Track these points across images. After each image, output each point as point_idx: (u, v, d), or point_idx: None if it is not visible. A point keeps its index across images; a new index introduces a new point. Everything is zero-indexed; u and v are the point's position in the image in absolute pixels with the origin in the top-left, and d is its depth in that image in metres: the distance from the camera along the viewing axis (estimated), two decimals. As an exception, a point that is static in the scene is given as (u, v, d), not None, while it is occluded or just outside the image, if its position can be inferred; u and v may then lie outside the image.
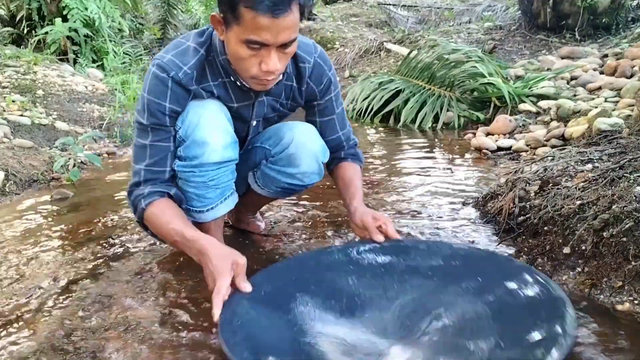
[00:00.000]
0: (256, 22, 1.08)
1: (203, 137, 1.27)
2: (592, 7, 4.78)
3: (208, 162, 1.29)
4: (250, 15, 1.08)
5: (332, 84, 1.46)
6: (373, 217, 1.34)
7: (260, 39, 1.11)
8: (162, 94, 1.25)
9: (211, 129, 1.27)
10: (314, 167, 1.45)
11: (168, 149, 1.29)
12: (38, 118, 3.11)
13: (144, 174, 1.29)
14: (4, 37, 5.27)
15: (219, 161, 1.30)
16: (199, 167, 1.29)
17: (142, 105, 1.27)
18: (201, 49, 1.28)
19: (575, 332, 0.94)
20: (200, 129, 1.27)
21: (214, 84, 1.31)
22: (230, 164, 1.35)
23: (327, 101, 1.47)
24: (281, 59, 1.17)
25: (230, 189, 1.40)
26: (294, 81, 1.40)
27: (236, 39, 1.14)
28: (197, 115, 1.27)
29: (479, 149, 2.79)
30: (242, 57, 1.16)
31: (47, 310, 1.31)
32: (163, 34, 7.70)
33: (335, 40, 6.83)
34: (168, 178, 1.31)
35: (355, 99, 4.22)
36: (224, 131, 1.30)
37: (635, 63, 3.32)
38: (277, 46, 1.13)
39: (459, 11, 7.51)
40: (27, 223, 1.95)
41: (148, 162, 1.29)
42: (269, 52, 1.14)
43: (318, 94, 1.44)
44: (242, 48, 1.14)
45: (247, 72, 1.20)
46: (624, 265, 1.24)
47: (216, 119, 1.29)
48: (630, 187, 1.40)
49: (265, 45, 1.13)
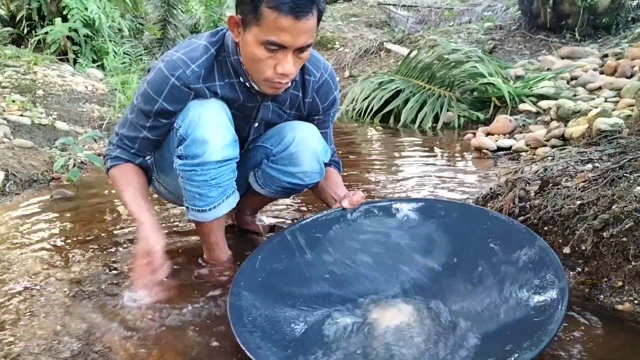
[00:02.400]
0: (277, 23, 1.10)
1: (203, 135, 1.27)
2: (592, 7, 4.78)
3: (209, 161, 1.29)
4: (273, 15, 1.10)
5: (336, 102, 1.52)
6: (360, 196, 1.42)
7: (279, 40, 1.13)
8: (159, 90, 1.28)
9: (212, 127, 1.28)
10: (315, 166, 1.45)
11: (139, 134, 1.37)
12: (38, 118, 3.11)
13: (117, 140, 1.40)
14: (4, 37, 5.27)
15: (220, 160, 1.30)
16: (201, 166, 1.30)
17: (140, 90, 1.33)
18: (212, 48, 1.29)
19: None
20: (200, 127, 1.27)
21: (219, 84, 1.32)
22: (231, 162, 1.35)
23: (327, 116, 1.53)
24: (296, 63, 1.19)
25: (231, 188, 1.40)
26: (300, 91, 1.42)
27: (254, 39, 1.15)
28: (198, 113, 1.28)
29: (479, 149, 2.79)
30: (259, 59, 1.18)
31: (46, 310, 1.31)
32: (163, 34, 7.69)
33: (335, 40, 6.83)
34: (135, 151, 1.40)
35: (355, 99, 4.22)
36: (224, 129, 1.31)
37: (635, 63, 3.32)
38: (294, 50, 1.15)
39: (459, 11, 7.51)
40: (27, 223, 1.95)
41: (125, 132, 1.38)
42: (285, 55, 1.16)
43: (321, 110, 1.49)
44: (260, 49, 1.16)
45: (261, 74, 1.22)
46: (624, 265, 1.24)
47: (217, 117, 1.30)
48: (630, 187, 1.40)
49: (283, 48, 1.14)
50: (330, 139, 1.59)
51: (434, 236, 1.33)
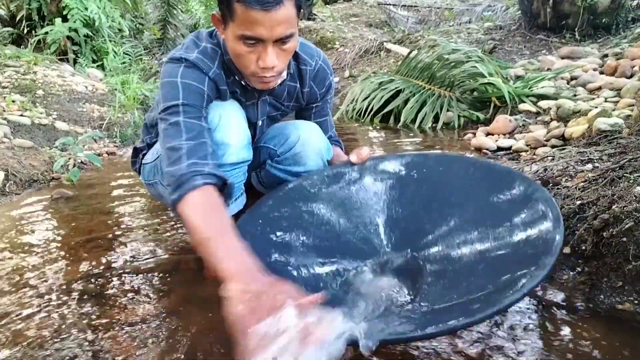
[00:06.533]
0: (248, 16, 1.09)
1: (222, 138, 1.27)
2: (592, 7, 4.78)
3: (226, 163, 1.29)
4: (242, 9, 1.08)
5: (331, 87, 1.52)
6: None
7: (254, 33, 1.11)
8: (200, 80, 1.23)
9: (230, 129, 1.28)
10: (319, 164, 1.47)
11: (203, 128, 1.20)
12: (38, 118, 3.11)
13: (187, 148, 1.14)
14: (4, 37, 5.26)
15: (236, 162, 1.31)
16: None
17: (174, 89, 1.20)
18: (218, 49, 1.29)
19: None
20: (220, 129, 1.27)
21: (229, 82, 1.33)
22: (245, 164, 1.36)
23: (324, 103, 1.53)
24: (279, 56, 1.17)
25: (240, 190, 1.41)
26: (297, 82, 1.42)
27: (233, 35, 1.14)
28: (217, 115, 1.28)
29: (479, 149, 2.79)
30: (240, 54, 1.17)
31: (46, 310, 1.31)
32: (163, 34, 7.70)
33: (335, 40, 6.83)
34: (212, 152, 1.18)
35: (355, 99, 4.22)
36: (242, 131, 1.32)
37: (635, 63, 3.32)
38: (274, 41, 1.13)
39: (459, 11, 7.51)
40: (27, 223, 1.95)
41: (186, 136, 1.16)
42: (265, 48, 1.14)
43: (319, 97, 1.49)
44: (239, 44, 1.14)
45: (246, 69, 1.21)
46: (624, 265, 1.24)
47: (235, 119, 1.31)
48: (630, 187, 1.40)
49: (261, 41, 1.13)
50: (331, 123, 1.61)
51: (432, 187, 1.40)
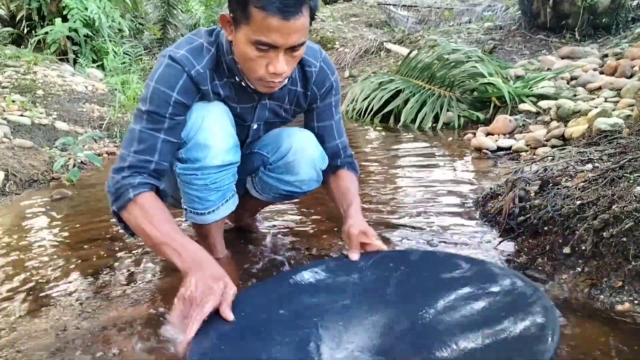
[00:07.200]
0: (266, 23, 1.07)
1: (205, 140, 1.26)
2: (592, 7, 4.79)
3: (210, 165, 1.28)
4: (261, 15, 1.07)
5: (334, 88, 1.44)
6: (361, 231, 1.29)
7: (269, 40, 1.10)
8: (172, 84, 1.22)
9: (214, 132, 1.27)
10: (312, 174, 1.44)
11: (157, 139, 1.23)
12: (38, 118, 3.11)
13: (130, 160, 1.21)
14: (4, 37, 5.27)
15: (220, 164, 1.30)
16: (201, 170, 1.29)
17: (147, 92, 1.23)
18: (212, 47, 1.27)
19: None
20: (202, 131, 1.26)
21: (220, 83, 1.30)
22: (232, 167, 1.35)
23: (326, 105, 1.46)
24: (289, 62, 1.16)
25: (231, 191, 1.40)
26: (298, 86, 1.39)
27: (245, 39, 1.13)
28: (200, 117, 1.27)
29: (479, 149, 2.79)
30: (250, 58, 1.15)
31: (46, 309, 1.31)
32: (163, 34, 7.70)
33: (335, 40, 6.84)
34: (153, 169, 1.23)
35: (355, 99, 4.22)
36: (226, 134, 1.30)
37: (635, 63, 3.33)
38: (286, 49, 1.13)
39: (459, 11, 7.52)
40: (27, 223, 1.95)
41: (136, 148, 1.22)
42: (277, 54, 1.13)
43: (319, 97, 1.43)
44: (251, 49, 1.13)
45: (254, 73, 1.19)
46: (624, 265, 1.24)
47: (219, 121, 1.29)
48: (630, 187, 1.40)
49: (273, 47, 1.12)
50: (338, 129, 1.50)
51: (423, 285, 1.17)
